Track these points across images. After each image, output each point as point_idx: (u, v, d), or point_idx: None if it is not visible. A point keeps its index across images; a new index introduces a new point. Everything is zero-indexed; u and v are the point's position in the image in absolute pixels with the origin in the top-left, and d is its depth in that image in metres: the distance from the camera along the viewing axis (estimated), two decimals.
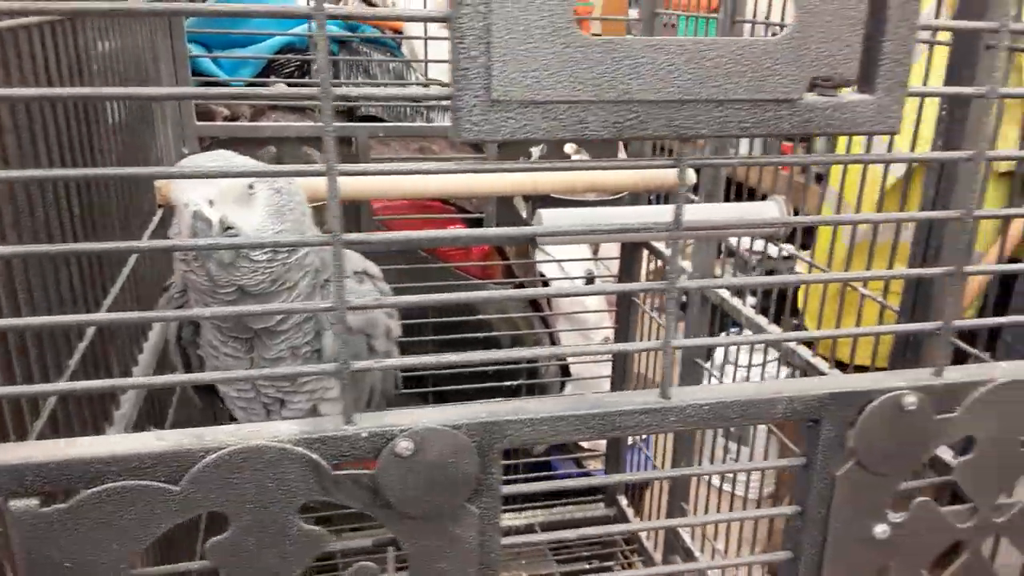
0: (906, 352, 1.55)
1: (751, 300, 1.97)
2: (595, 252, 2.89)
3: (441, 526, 0.75)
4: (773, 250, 1.64)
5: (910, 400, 0.82)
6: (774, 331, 1.72)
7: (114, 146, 1.52)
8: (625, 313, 2.37)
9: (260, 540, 0.72)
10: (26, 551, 0.68)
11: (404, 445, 0.72)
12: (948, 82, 1.44)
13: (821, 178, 2.63)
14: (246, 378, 0.70)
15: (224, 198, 0.78)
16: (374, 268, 0.99)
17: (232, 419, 0.97)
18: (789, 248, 1.90)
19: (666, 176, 1.81)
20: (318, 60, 0.61)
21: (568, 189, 1.97)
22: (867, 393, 0.82)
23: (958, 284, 0.83)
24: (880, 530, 0.86)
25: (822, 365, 1.55)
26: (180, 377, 0.86)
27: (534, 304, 2.88)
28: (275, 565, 0.73)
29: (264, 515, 0.71)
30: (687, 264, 2.04)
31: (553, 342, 2.85)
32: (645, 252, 2.21)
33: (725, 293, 1.86)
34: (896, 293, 1.60)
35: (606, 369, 2.55)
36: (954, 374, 0.85)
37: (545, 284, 2.86)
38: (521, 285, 2.76)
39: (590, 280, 2.85)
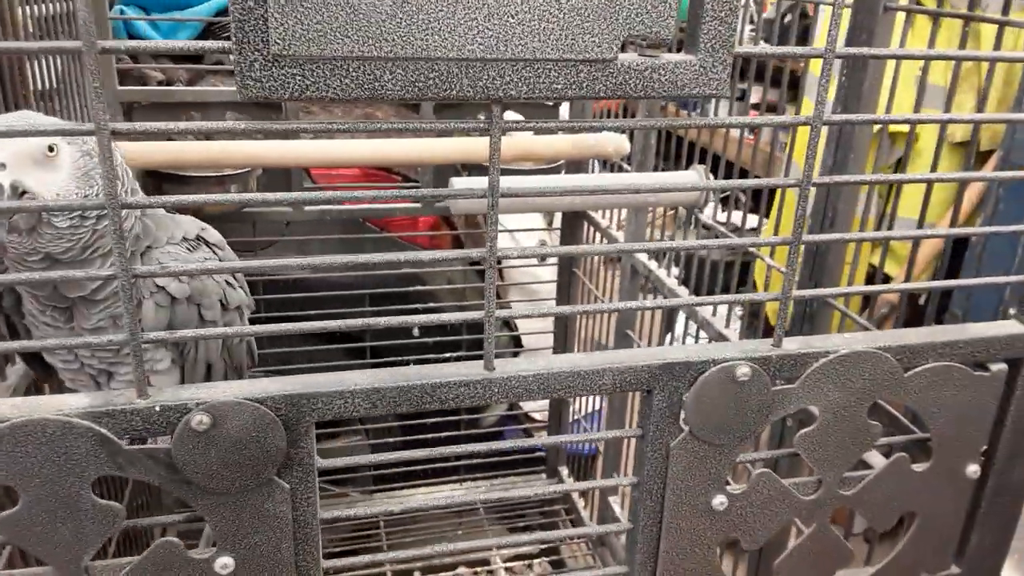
0: (803, 325, 1.55)
1: (675, 271, 1.95)
2: (549, 223, 2.85)
3: (249, 501, 0.73)
4: (740, 220, 1.62)
5: (743, 371, 0.80)
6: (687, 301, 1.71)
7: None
8: (566, 281, 2.34)
9: (52, 515, 0.69)
10: None
11: (199, 419, 0.68)
12: (848, 44, 1.42)
13: None
14: (42, 348, 0.66)
15: (18, 161, 0.74)
16: (214, 234, 0.94)
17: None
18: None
19: (603, 144, 1.78)
20: None
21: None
22: (700, 364, 0.80)
23: (796, 252, 0.81)
24: (718, 501, 0.85)
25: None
26: None
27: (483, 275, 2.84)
28: (70, 540, 0.70)
29: (54, 489, 0.68)
30: (619, 234, 2.01)
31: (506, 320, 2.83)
32: (586, 223, 2.19)
33: (651, 264, 1.85)
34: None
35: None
36: (792, 345, 0.84)
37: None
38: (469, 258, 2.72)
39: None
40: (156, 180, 1.99)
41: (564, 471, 2.48)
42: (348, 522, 1.87)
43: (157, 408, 0.69)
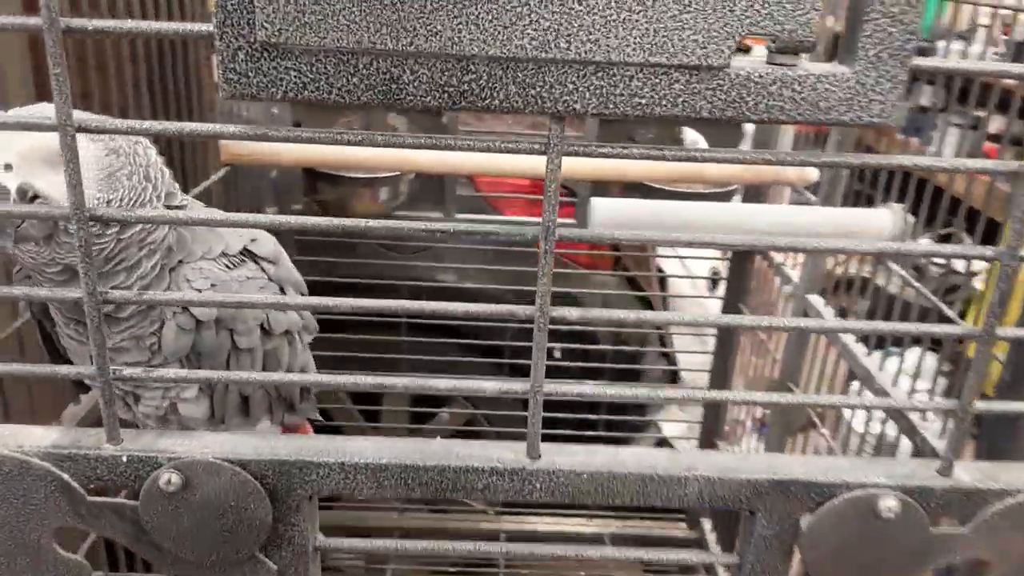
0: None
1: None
2: (724, 251, 2.61)
3: None
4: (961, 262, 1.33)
5: (889, 505, 0.58)
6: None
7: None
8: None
9: (12, 561, 0.60)
10: None
11: (167, 478, 0.57)
12: None
13: None
14: (5, 372, 0.57)
15: (27, 161, 0.66)
16: (266, 247, 0.83)
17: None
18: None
19: (783, 169, 1.54)
20: None
21: (663, 178, 1.72)
22: (827, 487, 0.59)
23: (985, 351, 0.57)
24: None
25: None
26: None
27: (646, 302, 2.64)
28: None
29: (12, 534, 0.59)
30: (794, 273, 1.75)
31: (663, 345, 2.61)
32: (758, 256, 1.93)
33: (827, 310, 1.58)
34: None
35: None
36: (966, 475, 0.60)
37: (662, 281, 2.61)
38: (632, 280, 2.52)
39: (715, 281, 2.56)
40: (310, 177, 1.95)
41: (707, 524, 2.23)
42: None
43: (124, 459, 0.58)
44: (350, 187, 1.86)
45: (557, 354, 2.29)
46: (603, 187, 2.04)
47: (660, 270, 2.65)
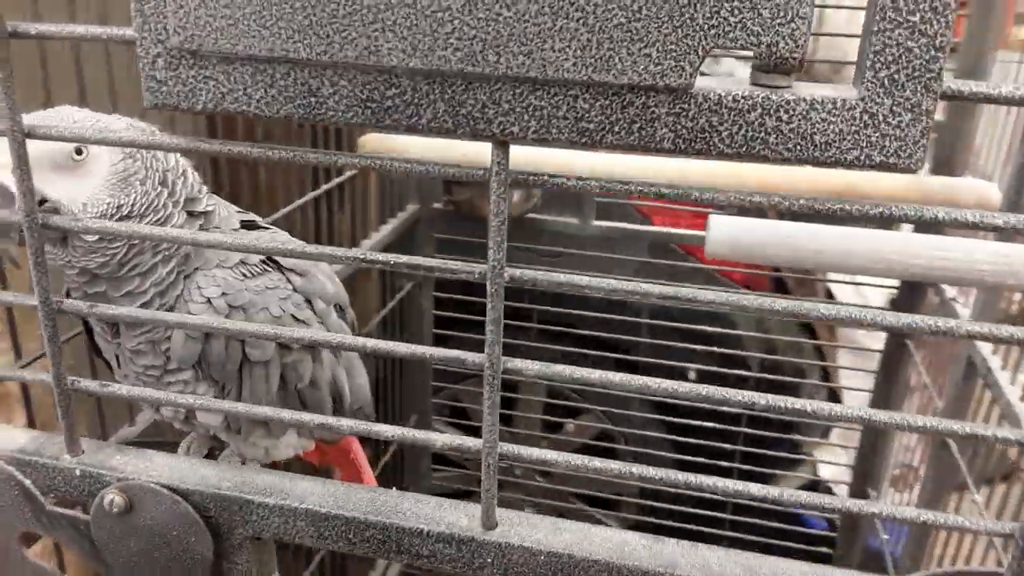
0: None
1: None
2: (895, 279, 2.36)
3: None
4: None
5: None
6: None
7: None
8: (895, 352, 1.85)
9: None
10: None
11: (111, 499, 0.55)
12: None
13: None
14: None
15: (35, 166, 0.64)
16: (297, 260, 0.79)
17: None
18: None
19: (956, 190, 1.34)
20: None
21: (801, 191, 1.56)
22: None
23: None
24: None
25: None
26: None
27: (808, 328, 2.44)
28: None
29: None
30: (964, 311, 1.53)
31: (827, 377, 2.39)
32: (928, 287, 1.71)
33: (993, 360, 1.35)
34: None
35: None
36: None
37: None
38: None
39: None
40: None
41: None
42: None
43: (78, 472, 0.57)
44: (481, 188, 1.84)
45: (692, 375, 2.16)
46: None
47: (829, 295, 2.43)
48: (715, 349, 2.11)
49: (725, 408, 2.06)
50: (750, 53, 0.37)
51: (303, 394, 0.82)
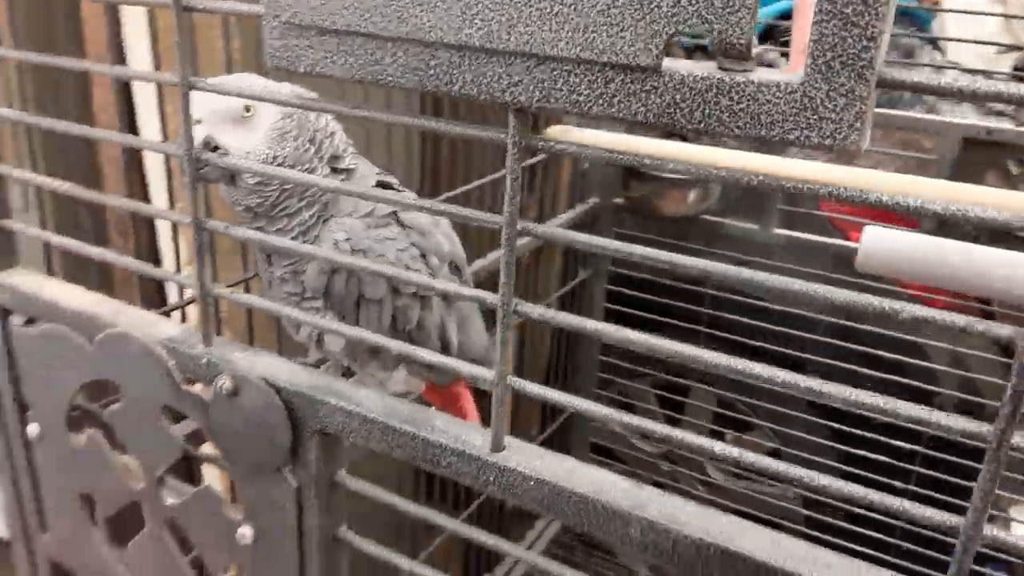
0: None
1: None
2: None
3: (264, 483, 0.71)
4: None
5: None
6: None
7: None
8: None
9: (138, 422, 0.77)
10: (17, 358, 0.85)
11: (222, 383, 0.69)
12: None
13: None
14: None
15: (214, 118, 0.81)
16: (419, 219, 0.90)
17: None
18: None
19: None
20: None
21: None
22: (774, 573, 0.50)
23: None
24: None
25: None
26: None
27: (1007, 352, 2.24)
28: (147, 452, 0.78)
29: (138, 399, 0.76)
30: None
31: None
32: None
33: None
34: None
35: None
36: None
37: None
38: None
39: None
40: (625, 172, 2.02)
41: None
42: None
43: (204, 360, 0.71)
44: (657, 185, 1.87)
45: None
46: None
47: None
48: (900, 379, 2.00)
49: (906, 445, 1.94)
50: (706, 40, 0.42)
51: (412, 336, 0.94)
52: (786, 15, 2.41)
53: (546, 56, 0.47)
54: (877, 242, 1.25)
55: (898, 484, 1.98)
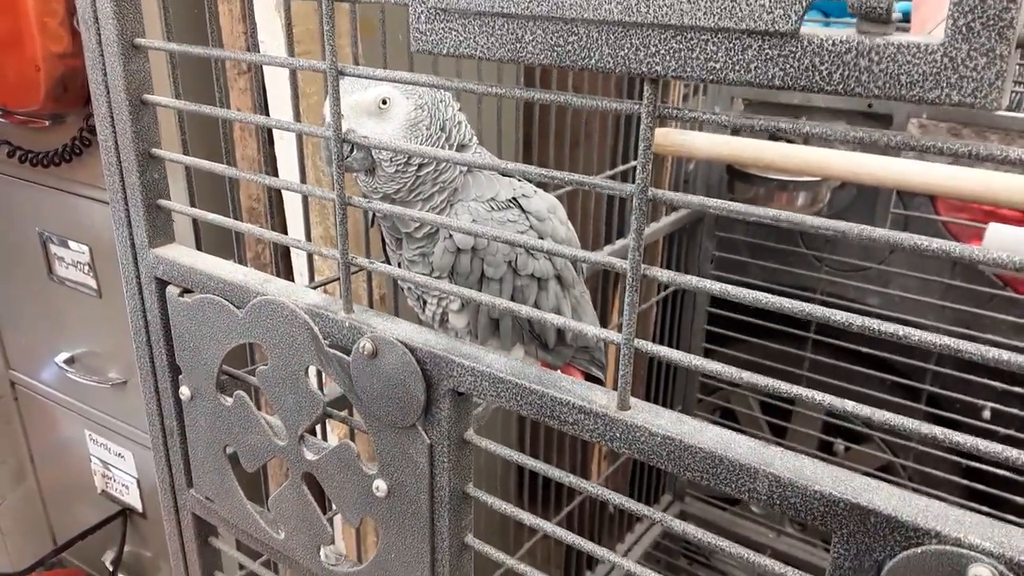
0: None
1: None
2: None
3: (399, 439, 0.76)
4: None
5: (978, 573, 0.48)
6: None
7: None
8: None
9: (283, 383, 0.83)
10: (172, 325, 0.93)
11: (363, 344, 0.74)
12: None
13: None
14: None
15: (353, 112, 0.86)
16: (538, 204, 0.94)
17: None
18: None
19: None
20: None
21: None
22: (912, 531, 0.51)
23: None
24: None
25: None
26: None
27: None
28: (291, 407, 0.84)
29: (285, 361, 0.82)
30: None
31: None
32: None
33: None
34: None
35: None
36: None
37: None
38: None
39: None
40: (731, 175, 2.01)
41: None
42: None
43: (347, 324, 0.77)
44: (765, 188, 1.86)
45: (986, 414, 1.98)
46: None
47: None
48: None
49: None
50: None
51: (530, 320, 0.98)
52: None
53: (684, 26, 0.50)
54: (999, 239, 1.22)
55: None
